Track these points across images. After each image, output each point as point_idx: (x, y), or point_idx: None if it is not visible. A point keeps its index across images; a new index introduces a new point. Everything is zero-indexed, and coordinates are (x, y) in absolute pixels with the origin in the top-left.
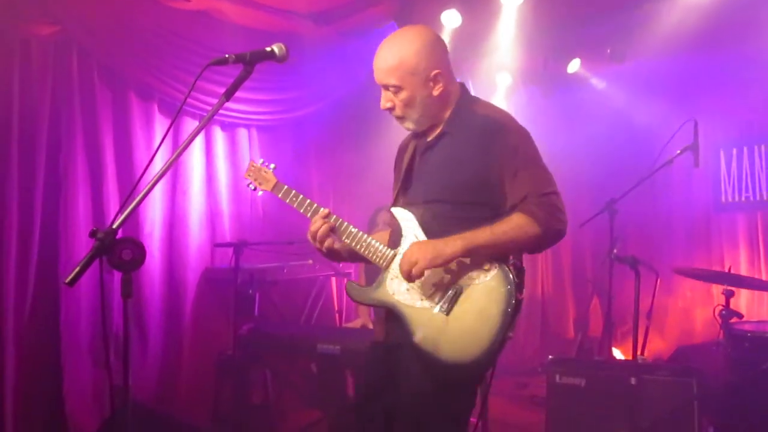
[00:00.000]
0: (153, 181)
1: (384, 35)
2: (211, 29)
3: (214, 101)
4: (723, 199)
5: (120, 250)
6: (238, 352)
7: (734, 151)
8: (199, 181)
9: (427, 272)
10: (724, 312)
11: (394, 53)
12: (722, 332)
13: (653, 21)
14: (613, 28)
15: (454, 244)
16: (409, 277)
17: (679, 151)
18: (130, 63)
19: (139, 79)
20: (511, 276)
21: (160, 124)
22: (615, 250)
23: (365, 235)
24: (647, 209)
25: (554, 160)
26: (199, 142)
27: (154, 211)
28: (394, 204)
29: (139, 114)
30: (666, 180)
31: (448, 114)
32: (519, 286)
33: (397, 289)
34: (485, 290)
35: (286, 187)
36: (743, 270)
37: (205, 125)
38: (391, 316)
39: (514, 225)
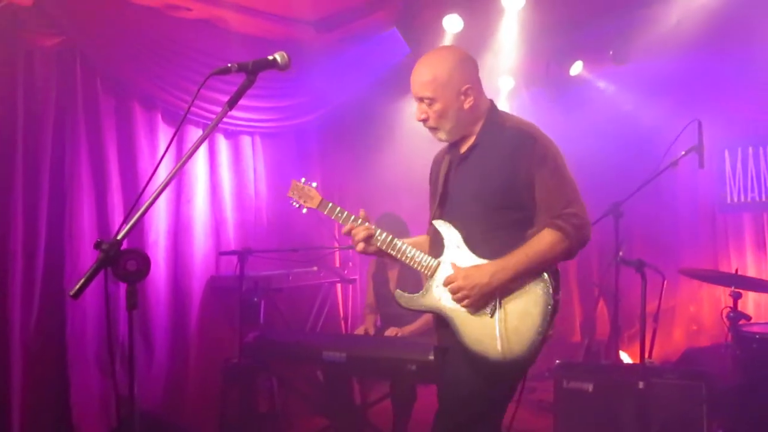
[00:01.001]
0: (157, 192)
1: (385, 41)
2: (213, 38)
3: (217, 109)
4: (729, 199)
5: (125, 261)
6: (243, 360)
7: (739, 151)
8: (203, 189)
9: None
10: (731, 314)
11: (430, 69)
12: (730, 334)
13: (655, 22)
14: (615, 30)
15: (499, 277)
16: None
17: (683, 152)
18: (133, 72)
19: (143, 88)
20: (548, 278)
21: (164, 133)
22: (621, 253)
23: (409, 247)
24: (652, 211)
25: None
26: (202, 150)
27: (159, 219)
28: (435, 216)
29: (142, 123)
30: (671, 181)
31: (479, 127)
32: (555, 287)
33: (442, 295)
34: (526, 292)
35: (331, 204)
36: (750, 271)
37: (209, 134)
38: (440, 321)
39: (547, 244)
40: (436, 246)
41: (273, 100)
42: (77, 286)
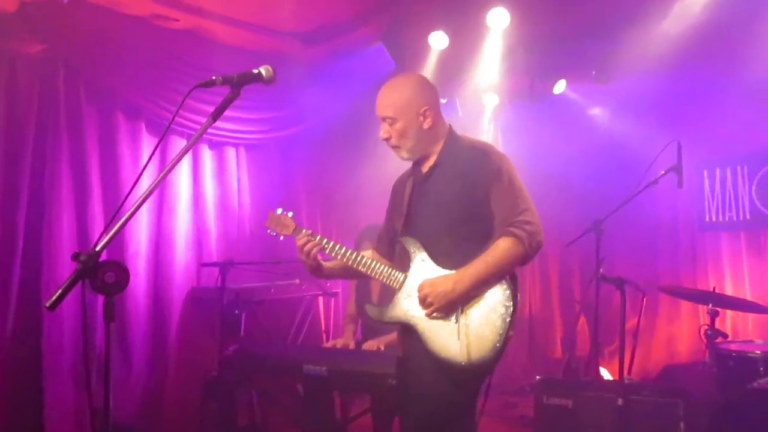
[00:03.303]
0: (137, 203)
1: (371, 56)
2: (199, 49)
3: (202, 120)
4: (707, 218)
5: (103, 273)
6: (223, 373)
7: (717, 171)
8: (186, 200)
9: None
10: (709, 332)
11: (391, 92)
12: (708, 352)
13: (637, 43)
14: (598, 50)
15: (462, 284)
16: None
17: (663, 172)
18: (117, 82)
19: (127, 97)
20: (507, 284)
21: (147, 143)
22: (601, 270)
23: (378, 263)
24: (633, 229)
25: (541, 180)
26: (186, 161)
27: (140, 229)
28: (401, 233)
29: (126, 133)
30: (651, 200)
31: (439, 147)
32: (514, 291)
33: (410, 306)
34: (487, 298)
35: (304, 230)
36: (728, 289)
37: (192, 146)
38: (406, 332)
39: (503, 250)
40: (402, 261)
41: (258, 112)
42: (53, 298)
